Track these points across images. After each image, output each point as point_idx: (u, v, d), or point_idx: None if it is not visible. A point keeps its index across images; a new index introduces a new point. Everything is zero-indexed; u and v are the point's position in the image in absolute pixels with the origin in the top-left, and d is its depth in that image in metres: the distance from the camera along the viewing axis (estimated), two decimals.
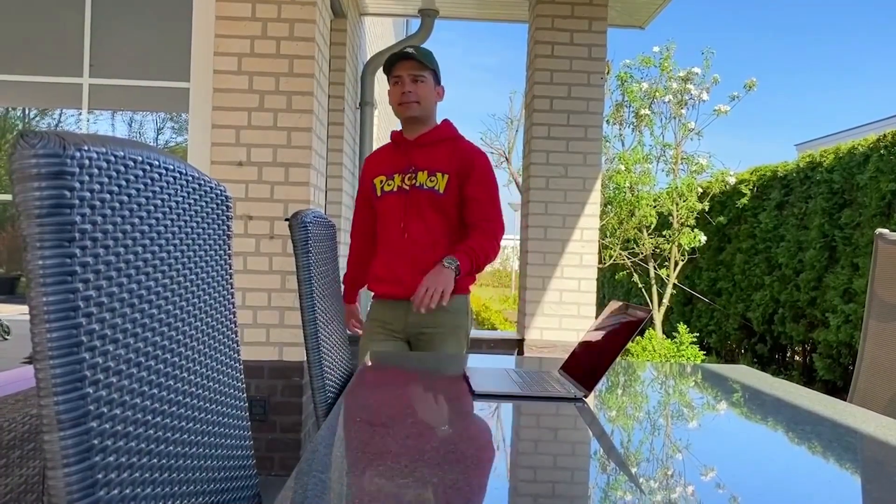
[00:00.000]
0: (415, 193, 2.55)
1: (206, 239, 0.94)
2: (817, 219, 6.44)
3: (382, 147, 2.78)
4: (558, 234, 4.95)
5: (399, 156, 2.63)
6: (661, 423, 1.46)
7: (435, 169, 2.56)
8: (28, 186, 0.56)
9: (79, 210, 0.60)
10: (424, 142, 2.63)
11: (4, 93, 3.98)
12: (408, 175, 2.57)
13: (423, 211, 2.54)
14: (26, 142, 0.57)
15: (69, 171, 0.58)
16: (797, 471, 1.13)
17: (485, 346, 5.02)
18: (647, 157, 7.84)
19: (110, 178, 0.66)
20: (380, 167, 2.66)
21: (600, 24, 4.91)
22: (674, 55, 7.66)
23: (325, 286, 1.65)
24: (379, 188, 2.62)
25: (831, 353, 6.18)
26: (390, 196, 2.58)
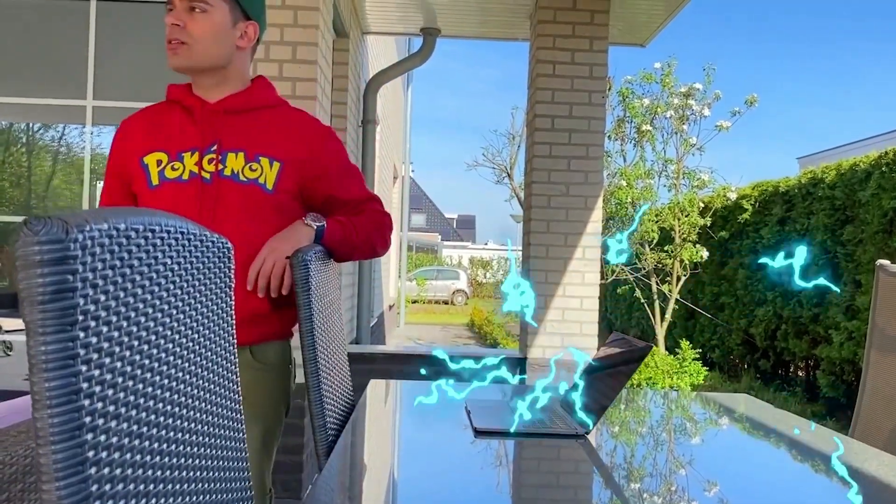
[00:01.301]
0: (222, 187, 1.62)
1: (208, 294, 0.95)
2: (819, 234, 6.44)
3: (152, 108, 1.75)
4: (560, 252, 4.95)
5: (190, 124, 1.66)
6: (662, 461, 1.46)
7: (258, 152, 1.65)
8: (31, 274, 0.56)
9: (81, 292, 0.60)
10: (235, 107, 1.68)
11: (10, 113, 4.01)
12: (208, 156, 1.63)
13: (235, 215, 1.62)
14: (30, 229, 0.58)
15: (72, 256, 0.59)
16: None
17: None
18: (648, 172, 7.86)
19: (112, 254, 0.67)
20: (154, 138, 1.67)
21: (601, 43, 4.93)
22: (675, 71, 7.69)
23: (326, 320, 1.66)
24: (154, 172, 1.63)
25: (834, 369, 6.16)
26: (174, 187, 1.61)
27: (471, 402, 1.82)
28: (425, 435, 1.60)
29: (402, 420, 1.71)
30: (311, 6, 3.57)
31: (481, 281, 33.23)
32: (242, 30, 1.67)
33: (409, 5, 5.10)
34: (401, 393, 2.04)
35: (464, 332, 13.39)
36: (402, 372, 4.96)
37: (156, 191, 1.63)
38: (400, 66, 5.77)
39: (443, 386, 1.71)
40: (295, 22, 3.58)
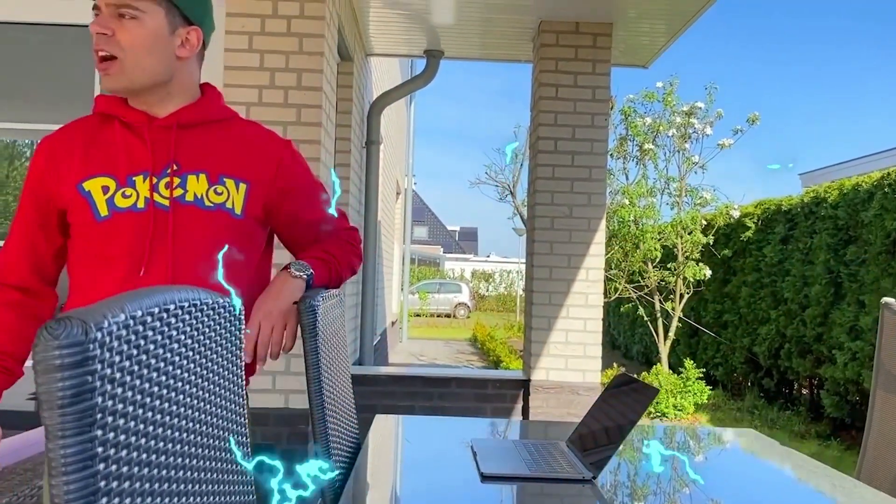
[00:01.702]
0: (184, 214, 1.42)
1: (219, 356, 0.96)
2: (822, 254, 6.43)
3: (80, 123, 1.48)
4: (564, 274, 4.96)
5: (137, 144, 1.42)
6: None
7: (221, 172, 1.45)
8: (51, 378, 0.57)
9: (100, 390, 0.61)
10: (188, 121, 1.46)
11: (16, 134, 4.03)
12: (164, 181, 1.41)
13: (202, 246, 1.42)
14: (50, 333, 0.58)
15: (91, 356, 0.60)
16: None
17: (490, 387, 5.01)
18: (651, 190, 7.88)
19: (129, 344, 0.67)
20: (94, 160, 1.41)
21: (604, 66, 4.96)
22: (677, 90, 7.72)
23: (332, 362, 1.66)
24: (101, 201, 1.39)
25: (838, 389, 6.15)
26: (128, 218, 1.39)
27: (476, 442, 1.82)
28: (432, 478, 1.60)
29: (408, 462, 1.71)
30: (316, 33, 3.60)
31: (483, 294, 33.21)
32: (183, 37, 1.43)
33: (413, 28, 5.13)
34: (405, 430, 2.04)
35: (466, 348, 13.37)
36: (405, 393, 4.96)
37: (105, 223, 1.38)
38: (403, 88, 5.80)
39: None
40: (300, 49, 3.61)
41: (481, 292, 33.33)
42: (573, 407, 4.91)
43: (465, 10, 4.74)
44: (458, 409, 4.97)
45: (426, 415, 4.95)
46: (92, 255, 1.40)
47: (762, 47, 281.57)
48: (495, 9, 4.69)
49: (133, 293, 0.73)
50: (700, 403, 7.11)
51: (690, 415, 6.93)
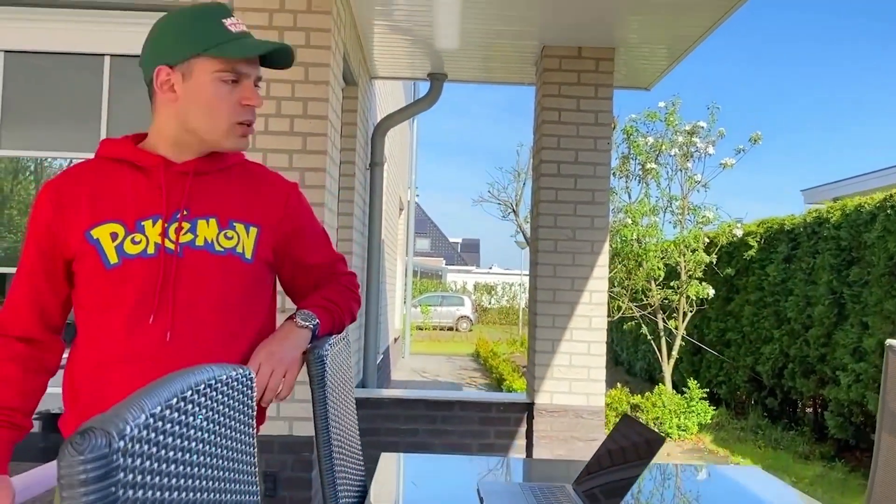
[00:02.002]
0: (194, 260, 1.40)
1: (234, 424, 0.97)
2: (825, 275, 6.44)
3: (85, 168, 1.45)
4: (567, 296, 4.97)
5: (148, 188, 1.41)
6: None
7: (231, 217, 1.45)
8: (76, 493, 0.58)
9: (122, 499, 0.62)
10: (205, 168, 1.45)
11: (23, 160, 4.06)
12: (174, 225, 1.40)
13: (214, 292, 1.41)
14: (74, 448, 0.59)
15: (115, 467, 0.61)
16: None
17: (494, 410, 5.01)
18: (653, 209, 7.89)
19: (150, 443, 0.68)
20: (102, 206, 1.40)
21: (606, 90, 4.99)
22: (679, 110, 7.75)
23: (339, 410, 1.67)
24: (111, 249, 1.37)
25: (842, 411, 6.13)
26: (138, 264, 1.37)
27: (483, 484, 1.82)
28: None
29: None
30: (321, 62, 3.63)
31: (486, 306, 33.20)
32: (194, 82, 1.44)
33: (417, 52, 5.17)
34: (410, 471, 2.04)
35: (469, 364, 13.36)
36: (408, 416, 4.96)
37: (115, 271, 1.36)
38: (407, 111, 5.83)
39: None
40: (306, 78, 3.63)
41: (483, 305, 33.31)
42: (577, 430, 4.91)
43: (469, 36, 4.77)
44: (461, 432, 4.97)
45: (430, 438, 4.95)
46: (102, 303, 1.38)
47: (766, 68, 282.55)
48: (499, 34, 4.73)
49: (151, 387, 0.75)
50: (703, 424, 7.10)
51: (694, 435, 6.91)
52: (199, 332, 1.39)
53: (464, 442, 4.97)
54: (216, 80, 1.37)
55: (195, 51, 1.36)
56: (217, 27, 1.37)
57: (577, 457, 4.87)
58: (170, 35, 1.38)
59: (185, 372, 0.84)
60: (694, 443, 6.81)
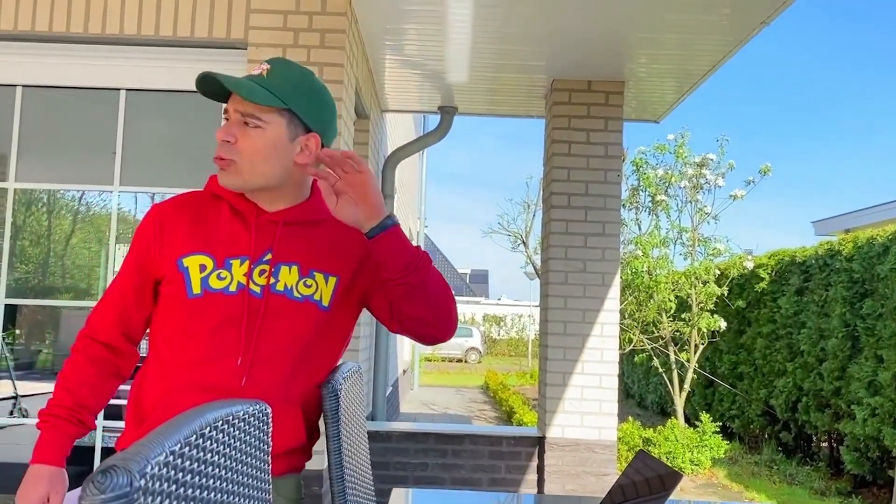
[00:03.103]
0: (273, 303, 1.45)
1: (248, 458, 0.96)
2: (838, 307, 6.39)
3: (192, 198, 1.53)
4: (578, 329, 4.94)
5: (242, 230, 1.47)
6: None
7: (312, 267, 1.49)
8: None
9: None
10: (294, 220, 1.51)
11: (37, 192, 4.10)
12: (259, 268, 1.45)
13: (289, 335, 1.46)
14: (96, 487, 0.59)
15: None
16: None
17: (505, 444, 4.96)
18: (664, 240, 7.88)
19: (169, 481, 0.68)
20: (197, 237, 1.46)
21: (616, 123, 5.01)
22: (688, 142, 7.78)
23: (353, 444, 1.66)
24: (196, 279, 1.43)
25: (858, 445, 6.04)
26: (219, 299, 1.43)
27: None
28: None
29: None
30: (335, 97, 3.66)
31: (495, 338, 33.03)
32: (302, 144, 1.45)
33: (428, 86, 5.22)
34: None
35: (478, 396, 13.25)
36: (418, 450, 4.91)
37: (196, 301, 1.41)
38: (417, 143, 5.88)
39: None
40: None
41: (492, 336, 33.15)
42: (589, 465, 4.85)
43: (479, 70, 4.82)
44: (471, 466, 4.92)
45: (440, 472, 4.90)
46: (178, 330, 1.44)
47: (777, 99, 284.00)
48: (509, 68, 4.78)
49: (170, 424, 0.75)
50: (716, 458, 7.00)
51: (707, 470, 6.81)
52: (271, 369, 1.45)
53: (474, 476, 4.91)
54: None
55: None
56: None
57: (588, 492, 4.80)
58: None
59: (202, 409, 0.84)
60: (707, 478, 6.70)
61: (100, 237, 4.16)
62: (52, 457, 1.43)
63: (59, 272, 4.44)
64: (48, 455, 1.43)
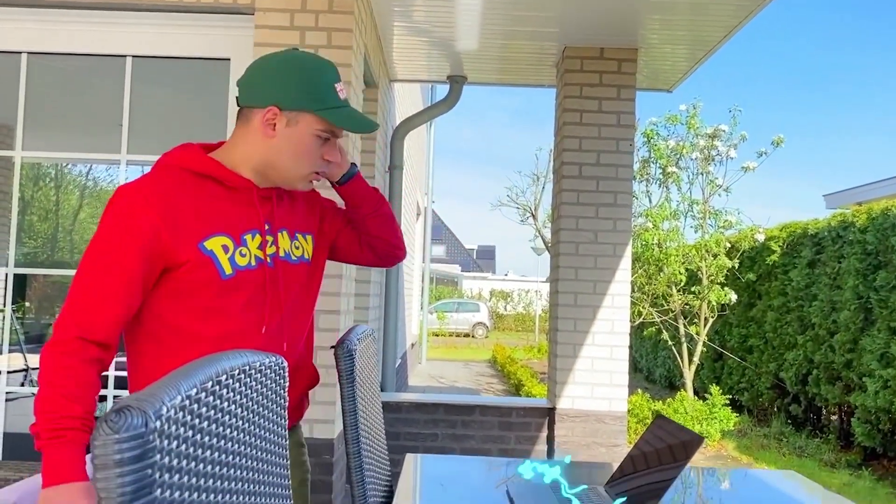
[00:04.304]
0: (280, 268, 1.56)
1: (266, 411, 0.93)
2: (851, 279, 6.33)
3: (177, 180, 1.49)
4: (589, 300, 4.91)
5: (244, 204, 1.54)
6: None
7: (296, 229, 1.64)
8: (110, 475, 0.55)
9: (159, 482, 0.59)
10: (280, 191, 1.61)
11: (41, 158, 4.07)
12: (262, 238, 1.55)
13: (295, 294, 1.60)
14: (110, 427, 0.56)
15: (151, 448, 0.57)
16: None
17: (514, 415, 4.95)
18: (674, 213, 7.81)
19: (186, 426, 0.65)
20: (207, 219, 1.48)
21: (629, 91, 4.94)
22: (700, 113, 7.67)
23: (367, 404, 1.63)
24: (225, 260, 1.47)
25: (869, 417, 6.01)
26: (246, 275, 1.50)
27: (512, 485, 1.77)
28: None
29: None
30: (343, 62, 3.61)
31: (502, 313, 33.08)
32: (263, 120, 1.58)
33: (437, 55, 5.14)
34: (437, 472, 2.00)
35: (486, 370, 13.28)
36: (428, 421, 4.92)
37: (230, 281, 1.47)
38: (426, 113, 5.81)
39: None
40: None
41: (499, 311, 33.20)
42: (599, 436, 4.84)
43: (489, 37, 4.74)
44: (481, 436, 4.92)
45: (450, 443, 4.90)
46: (202, 309, 1.46)
47: (788, 70, 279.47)
48: (520, 35, 4.70)
49: (186, 369, 0.72)
50: (726, 430, 6.99)
51: (717, 442, 6.81)
52: (290, 332, 1.58)
53: (484, 447, 4.92)
54: (313, 135, 1.51)
55: (310, 107, 1.49)
56: (332, 90, 1.51)
57: (600, 462, 4.80)
58: (294, 81, 1.49)
59: (220, 356, 0.81)
60: (717, 450, 6.70)
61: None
62: (81, 472, 1.30)
63: (67, 247, 4.43)
64: (76, 472, 1.29)
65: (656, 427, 1.74)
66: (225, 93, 3.70)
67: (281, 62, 1.51)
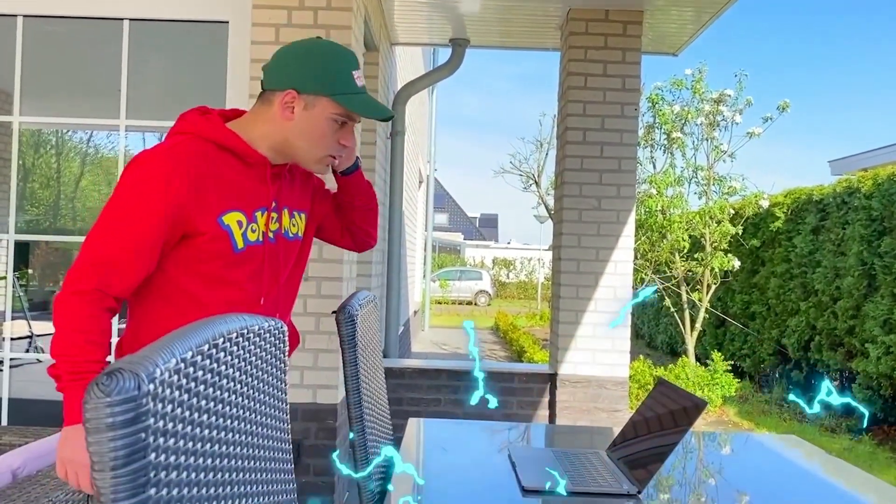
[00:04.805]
0: (281, 245, 1.65)
1: (265, 379, 0.92)
2: (855, 245, 6.30)
3: (199, 152, 1.52)
4: (591, 267, 4.89)
5: (257, 181, 1.59)
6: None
7: (294, 207, 1.70)
8: (102, 439, 0.53)
9: (153, 447, 0.57)
10: (290, 169, 1.69)
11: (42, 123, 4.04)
12: (273, 215, 1.63)
13: (290, 269, 1.71)
14: (101, 389, 0.54)
15: (144, 412, 0.56)
16: None
17: (517, 381, 4.97)
18: (678, 179, 7.75)
19: (181, 389, 0.64)
20: (225, 194, 1.53)
21: (634, 54, 4.86)
22: (706, 77, 7.57)
23: (369, 370, 1.63)
24: (238, 235, 1.54)
25: (871, 384, 6.03)
26: (254, 250, 1.58)
27: (514, 450, 1.77)
28: (473, 491, 1.56)
29: (446, 474, 1.67)
30: (343, 25, 3.54)
31: (504, 281, 33.13)
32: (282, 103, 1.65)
33: (438, 17, 5.06)
34: (440, 436, 2.00)
35: (489, 337, 13.34)
36: (431, 386, 4.94)
37: (240, 255, 1.54)
38: (428, 78, 5.74)
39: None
40: None
41: (502, 279, 33.25)
42: (600, 401, 4.86)
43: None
44: (484, 401, 4.93)
45: (452, 408, 4.93)
46: (221, 280, 1.54)
47: (795, 34, 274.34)
48: None
49: (181, 332, 0.70)
50: (727, 396, 7.03)
51: (718, 407, 6.85)
52: (284, 304, 1.69)
53: (486, 412, 4.94)
54: (330, 119, 1.56)
55: (328, 92, 1.53)
56: (349, 77, 1.55)
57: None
58: (312, 67, 1.54)
59: (218, 319, 0.79)
60: (718, 415, 6.75)
61: (109, 179, 4.11)
62: None
63: (69, 214, 4.41)
64: None
65: (658, 392, 1.73)
66: (223, 56, 3.65)
67: (302, 48, 1.57)
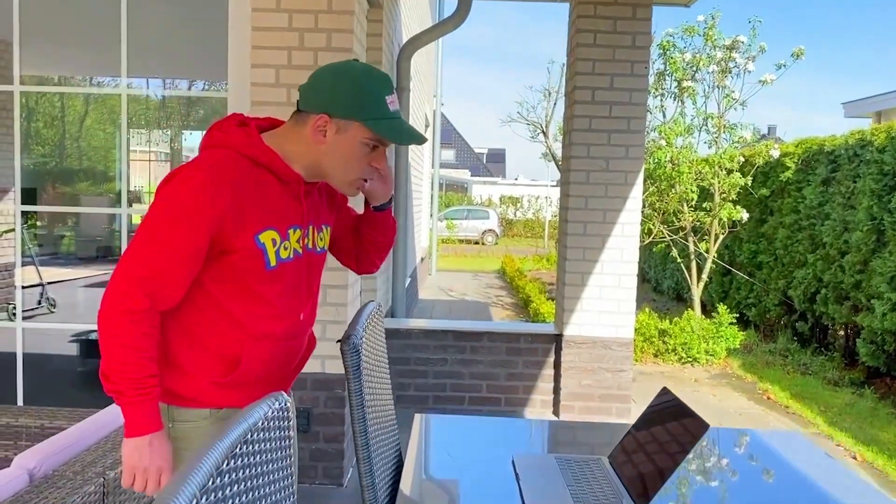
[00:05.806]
0: (312, 259, 1.72)
1: (276, 450, 0.94)
2: (866, 200, 6.23)
3: (242, 168, 1.57)
4: (598, 229, 4.88)
5: (291, 199, 1.64)
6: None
7: (322, 221, 1.76)
8: None
9: None
10: (321, 186, 1.76)
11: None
12: (306, 231, 1.69)
13: (318, 283, 1.79)
14: None
15: None
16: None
17: (522, 341, 5.02)
18: (688, 128, 7.63)
19: None
20: (263, 212, 1.58)
21: (645, 10, 4.73)
22: (718, 24, 7.36)
23: (375, 395, 1.64)
24: (272, 253, 1.58)
25: (875, 339, 6.07)
26: (286, 267, 1.63)
27: (518, 458, 1.81)
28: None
29: (452, 488, 1.70)
30: None
31: (511, 219, 33.07)
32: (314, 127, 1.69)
33: None
34: (444, 437, 2.03)
35: (495, 282, 13.41)
36: (438, 346, 5.00)
37: (273, 272, 1.60)
38: (433, 32, 5.59)
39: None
40: (329, 8, 3.47)
41: (509, 217, 33.18)
42: (605, 361, 4.92)
43: None
44: (489, 361, 5.01)
45: (459, 367, 5.00)
46: (253, 295, 1.60)
47: None
48: None
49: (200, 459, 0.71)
50: (732, 348, 7.09)
51: (722, 360, 6.92)
52: (313, 315, 1.77)
53: (492, 371, 5.02)
54: (361, 144, 1.58)
55: (360, 118, 1.55)
56: (381, 103, 1.56)
57: (604, 388, 4.90)
58: (344, 92, 1.55)
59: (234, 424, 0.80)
60: (721, 367, 6.82)
61: (114, 118, 4.08)
62: (160, 422, 1.51)
63: (75, 154, 4.39)
64: (157, 422, 1.50)
65: (662, 403, 1.74)
66: (224, 6, 3.56)
67: (336, 72, 1.58)
